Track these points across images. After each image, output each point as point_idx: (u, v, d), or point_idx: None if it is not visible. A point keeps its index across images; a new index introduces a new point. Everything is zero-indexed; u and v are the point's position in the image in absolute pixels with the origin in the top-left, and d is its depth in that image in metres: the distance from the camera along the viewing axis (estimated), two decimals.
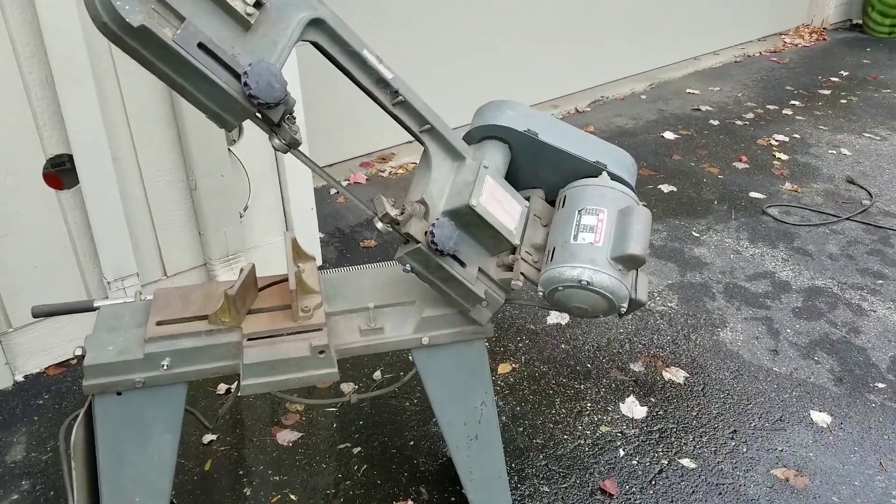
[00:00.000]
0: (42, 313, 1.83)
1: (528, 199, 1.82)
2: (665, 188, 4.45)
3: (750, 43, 7.63)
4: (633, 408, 2.71)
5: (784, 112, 5.74)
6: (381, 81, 1.53)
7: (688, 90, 6.19)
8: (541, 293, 1.68)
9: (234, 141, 3.06)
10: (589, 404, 2.73)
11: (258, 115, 1.37)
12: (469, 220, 1.62)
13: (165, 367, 1.64)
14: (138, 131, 2.76)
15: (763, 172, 4.70)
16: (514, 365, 2.92)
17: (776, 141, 5.19)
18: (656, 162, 4.81)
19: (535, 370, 2.89)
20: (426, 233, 1.57)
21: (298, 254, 1.86)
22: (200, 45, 1.26)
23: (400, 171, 4.59)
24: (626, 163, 1.79)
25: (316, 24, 1.42)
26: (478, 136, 1.78)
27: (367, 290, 1.85)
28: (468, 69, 4.89)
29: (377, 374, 2.83)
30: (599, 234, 1.62)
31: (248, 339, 1.65)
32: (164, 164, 2.88)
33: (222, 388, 2.74)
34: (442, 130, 1.64)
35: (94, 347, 1.65)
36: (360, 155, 4.65)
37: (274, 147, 1.42)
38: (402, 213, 1.57)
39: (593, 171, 1.75)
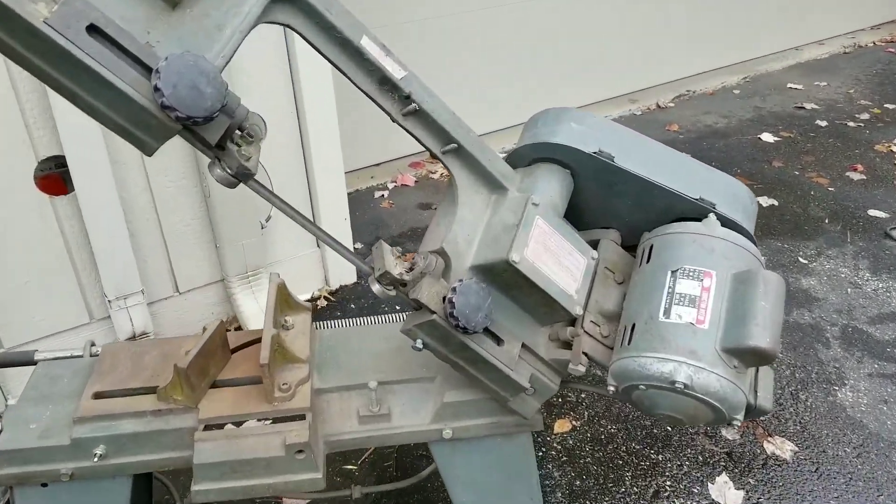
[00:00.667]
0: None
1: (596, 244, 1.32)
2: (764, 201, 3.80)
3: (861, 31, 6.73)
4: (725, 491, 2.16)
5: None
6: (387, 82, 1.06)
7: (789, 85, 5.44)
8: (612, 388, 1.18)
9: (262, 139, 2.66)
10: (668, 482, 2.19)
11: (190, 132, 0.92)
12: (509, 280, 1.14)
13: (98, 458, 1.23)
14: None
15: (884, 185, 3.97)
16: (574, 422, 2.40)
17: None
18: (753, 169, 4.16)
19: (600, 431, 2.37)
20: (445, 299, 1.09)
21: (288, 303, 1.42)
22: (93, 29, 0.82)
23: None
24: (743, 200, 1.27)
25: None
26: (528, 157, 1.29)
27: (372, 357, 1.39)
28: (517, 61, 4.32)
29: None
30: (704, 310, 1.11)
31: (204, 428, 1.22)
32: (174, 168, 2.50)
33: None
34: (473, 150, 1.16)
35: (13, 425, 1.26)
36: (410, 154, 4.19)
37: (215, 178, 0.97)
38: (410, 270, 1.10)
39: (695, 211, 1.23)
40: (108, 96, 0.85)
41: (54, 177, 2.34)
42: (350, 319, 1.49)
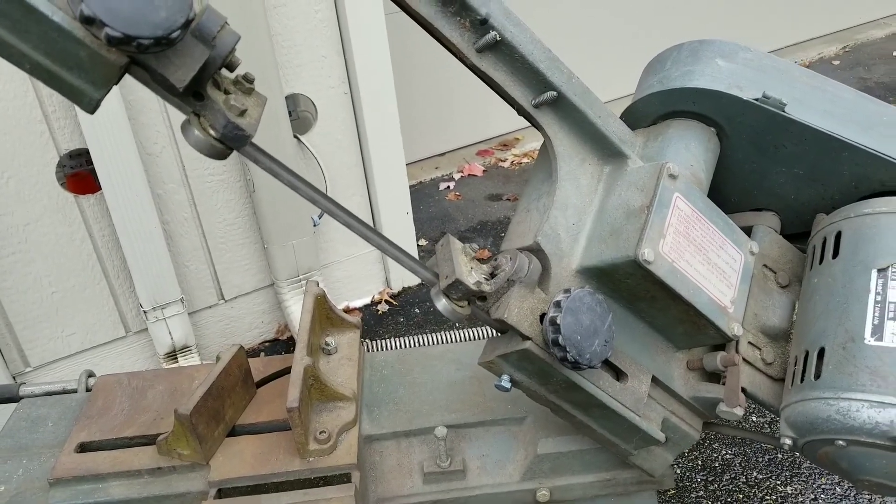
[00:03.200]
0: None
1: (748, 232, 0.94)
2: None
3: None
4: None
5: None
6: (453, 1, 0.71)
7: (895, 53, 4.86)
8: (787, 442, 0.81)
9: (309, 129, 2.37)
10: None
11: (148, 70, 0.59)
12: (636, 288, 0.78)
13: None
14: (178, 118, 2.11)
15: None
16: None
17: None
18: None
19: (713, 457, 1.98)
20: (544, 318, 0.74)
21: (330, 319, 1.09)
22: None
23: (525, 160, 3.76)
24: None
25: None
26: (653, 111, 0.92)
27: (440, 390, 1.05)
28: (602, 24, 3.91)
29: None
30: None
31: (217, 495, 0.91)
32: (214, 160, 2.22)
33: None
34: (579, 102, 0.80)
35: None
36: (477, 141, 3.85)
37: (190, 143, 0.64)
38: (492, 276, 0.75)
39: None
40: (11, 14, 0.53)
41: (83, 174, 2.10)
42: (412, 338, 1.15)
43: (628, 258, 0.74)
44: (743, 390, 0.84)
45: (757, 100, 0.82)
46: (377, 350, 1.14)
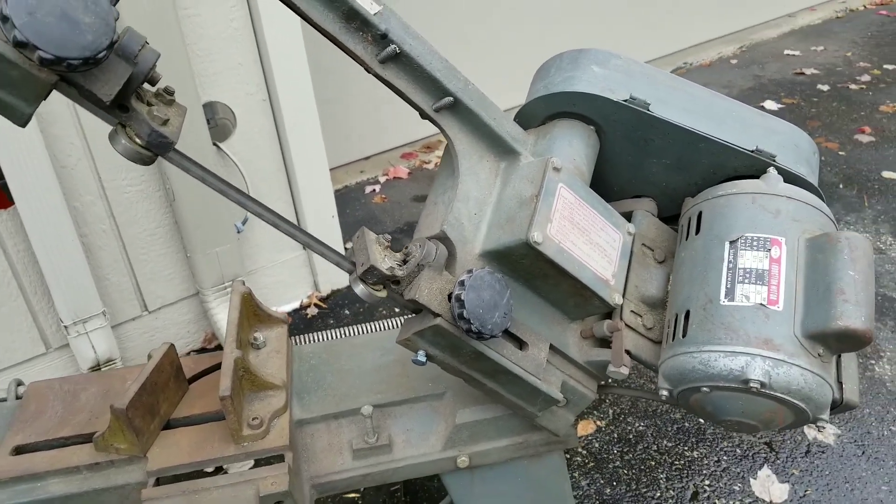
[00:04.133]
0: None
1: (628, 216, 1.07)
2: None
3: None
4: (769, 486, 1.93)
5: None
6: (355, 17, 0.81)
7: (786, 51, 5.24)
8: (664, 393, 0.93)
9: (228, 136, 2.40)
10: (707, 482, 1.96)
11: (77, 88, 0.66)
12: (529, 267, 0.89)
13: None
14: (93, 128, 2.11)
15: (895, 146, 3.76)
16: (598, 423, 2.16)
17: None
18: None
19: (628, 430, 2.13)
20: (451, 297, 0.84)
21: (257, 316, 1.16)
22: None
23: None
24: (805, 150, 1.03)
25: None
26: (541, 112, 1.03)
27: (366, 374, 1.13)
28: (501, 35, 4.07)
29: None
30: (776, 288, 0.86)
31: (156, 482, 0.96)
32: (131, 170, 2.22)
33: None
34: (474, 105, 0.91)
35: None
36: (402, 144, 3.94)
37: (118, 151, 0.71)
38: (404, 263, 0.84)
39: (751, 167, 0.98)
40: None
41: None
42: (338, 330, 1.23)
43: (521, 241, 0.85)
44: (628, 352, 0.97)
45: (626, 101, 0.95)
46: (305, 343, 1.21)
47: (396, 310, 2.75)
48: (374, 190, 3.65)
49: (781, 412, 0.87)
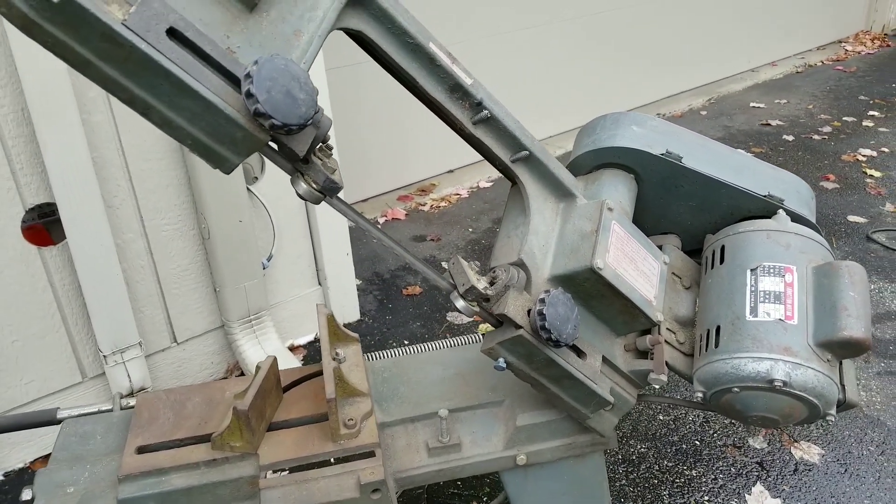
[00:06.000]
0: None
1: (659, 248, 1.28)
2: None
3: (809, 52, 7.06)
4: (763, 500, 2.12)
5: (864, 124, 5.13)
6: (458, 89, 1.01)
7: (752, 104, 5.62)
8: (699, 395, 1.13)
9: (256, 178, 2.58)
10: (706, 497, 2.14)
11: (272, 145, 0.86)
12: (590, 289, 1.09)
13: None
14: (138, 172, 2.28)
15: (857, 192, 4.09)
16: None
17: (863, 156, 4.58)
18: None
19: (631, 451, 2.31)
20: (530, 312, 1.03)
21: (336, 335, 1.33)
22: (172, 33, 0.75)
23: (442, 203, 4.08)
24: (805, 195, 1.25)
25: (360, 1, 0.91)
26: (588, 164, 1.25)
27: (434, 385, 1.31)
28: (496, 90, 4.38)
29: None
30: (791, 305, 1.07)
31: (269, 474, 1.12)
32: (170, 210, 2.39)
33: None
34: (543, 158, 1.11)
35: (47, 491, 1.14)
36: (398, 187, 4.15)
37: (299, 195, 0.90)
38: (492, 284, 1.03)
39: (763, 209, 1.20)
40: (189, 107, 0.78)
41: (37, 227, 2.21)
42: (402, 349, 1.41)
43: (587, 267, 1.05)
44: (665, 363, 1.16)
45: (662, 154, 1.17)
46: (374, 359, 1.38)
47: (406, 342, 2.92)
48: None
49: (798, 408, 1.07)
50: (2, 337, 2.16)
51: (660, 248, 1.28)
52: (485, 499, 2.13)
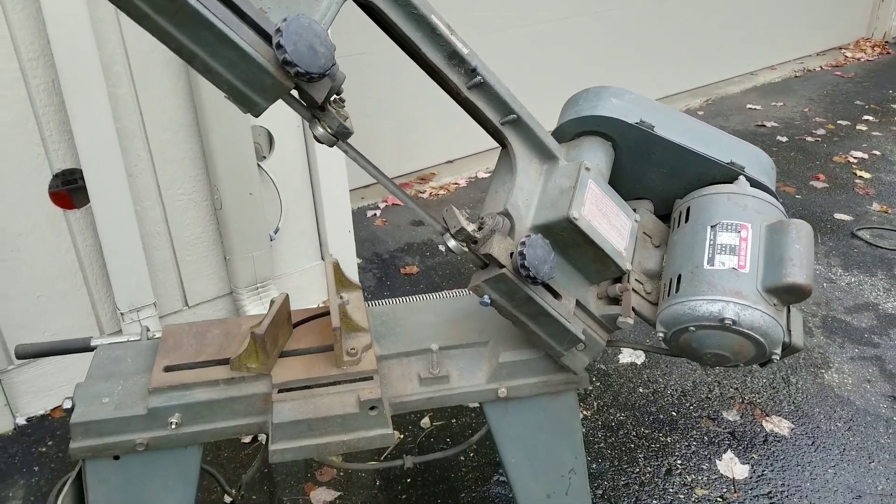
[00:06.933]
0: (27, 354, 1.48)
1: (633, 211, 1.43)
2: None
3: (809, 57, 7.20)
4: (732, 466, 2.27)
5: (858, 128, 5.28)
6: (455, 56, 1.17)
7: (748, 106, 5.77)
8: (661, 334, 1.28)
9: (265, 156, 2.73)
10: (679, 461, 2.29)
11: (295, 92, 1.01)
12: (567, 238, 1.24)
13: (174, 426, 1.27)
14: (157, 143, 2.44)
15: (846, 192, 4.24)
16: (585, 412, 2.49)
17: (854, 158, 4.73)
18: None
19: (610, 419, 2.47)
20: (513, 254, 1.18)
21: (341, 282, 1.49)
22: None
23: (441, 191, 4.23)
24: (765, 164, 1.40)
25: None
26: (571, 131, 1.40)
27: (427, 328, 1.46)
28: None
29: (425, 421, 2.43)
30: (744, 256, 1.22)
31: (280, 391, 1.28)
32: (186, 181, 2.55)
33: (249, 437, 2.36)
34: (529, 122, 1.27)
35: (85, 399, 1.29)
36: (398, 175, 4.31)
37: (316, 137, 1.05)
38: (480, 229, 1.19)
39: (726, 175, 1.35)
40: (228, 56, 0.93)
41: (62, 193, 2.37)
42: (393, 300, 1.56)
43: (564, 217, 1.20)
44: (633, 309, 1.31)
45: (636, 123, 1.32)
46: (373, 306, 1.54)
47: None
48: (375, 214, 4.00)
49: (747, 346, 1.22)
50: (28, 292, 2.32)
51: (634, 211, 1.43)
52: (471, 454, 2.29)
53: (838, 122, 5.42)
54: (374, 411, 1.26)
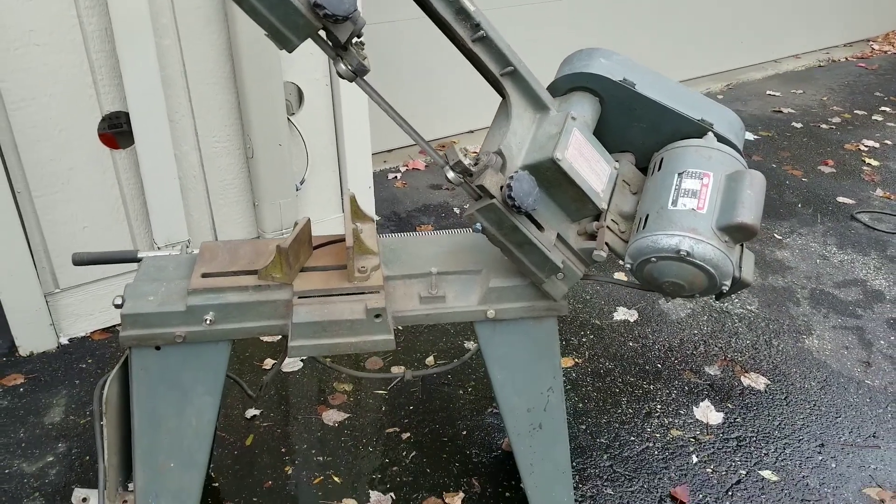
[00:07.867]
0: (83, 261, 1.72)
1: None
2: None
3: (835, 48, 7.22)
4: (707, 413, 2.47)
5: (874, 118, 5.36)
6: (462, 12, 1.36)
7: (768, 92, 5.86)
8: (628, 265, 1.48)
9: (294, 112, 2.95)
10: (659, 406, 2.49)
11: (322, 33, 1.21)
12: (551, 177, 1.44)
13: (209, 322, 1.50)
14: (197, 93, 2.66)
15: (852, 178, 4.36)
16: (576, 360, 2.70)
17: (865, 146, 4.83)
18: None
19: (599, 367, 2.67)
20: (502, 187, 1.39)
21: (357, 213, 1.70)
22: None
23: None
24: (734, 124, 1.58)
25: None
26: (564, 86, 1.59)
27: (428, 257, 1.67)
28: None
29: (430, 360, 2.65)
30: (703, 199, 1.41)
31: (300, 297, 1.50)
32: (221, 130, 2.77)
33: (269, 362, 2.60)
34: (525, 75, 1.46)
35: (133, 296, 1.52)
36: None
37: (339, 73, 1.26)
38: (476, 164, 1.39)
39: (697, 131, 1.53)
40: (274, 4, 1.15)
41: (108, 135, 2.60)
42: (406, 233, 1.77)
43: (549, 158, 1.39)
44: (607, 244, 1.51)
45: (620, 81, 1.51)
46: (384, 237, 1.75)
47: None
48: (396, 177, 4.20)
49: (700, 277, 1.41)
50: (75, 223, 2.56)
51: (616, 161, 1.63)
52: (469, 389, 2.51)
53: (855, 111, 5.50)
54: (378, 319, 1.48)
